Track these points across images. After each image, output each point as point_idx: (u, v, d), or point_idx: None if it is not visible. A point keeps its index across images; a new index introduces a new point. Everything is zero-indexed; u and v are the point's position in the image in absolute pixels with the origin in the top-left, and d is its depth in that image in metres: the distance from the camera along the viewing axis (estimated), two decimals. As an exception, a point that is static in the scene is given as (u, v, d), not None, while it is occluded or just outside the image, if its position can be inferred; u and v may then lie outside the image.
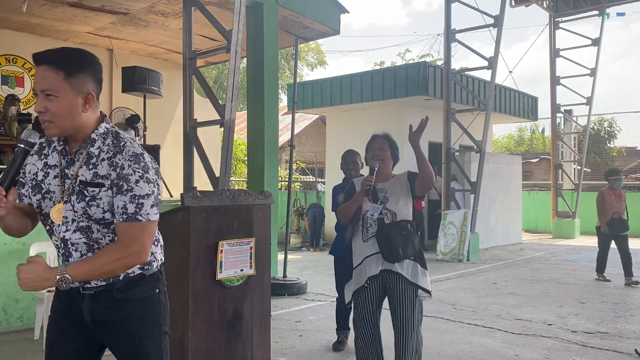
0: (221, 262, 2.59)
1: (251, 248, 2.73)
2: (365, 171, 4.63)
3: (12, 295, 4.71)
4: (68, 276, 1.64)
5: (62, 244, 1.76)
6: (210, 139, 9.77)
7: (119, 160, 1.73)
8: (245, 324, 2.71)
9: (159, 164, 6.33)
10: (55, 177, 1.77)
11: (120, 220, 1.71)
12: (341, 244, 4.35)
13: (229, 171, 5.71)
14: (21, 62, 8.10)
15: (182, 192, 3.88)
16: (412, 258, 3.05)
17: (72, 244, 1.75)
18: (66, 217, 1.73)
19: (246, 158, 8.05)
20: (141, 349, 1.82)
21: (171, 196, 7.35)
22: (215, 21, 5.81)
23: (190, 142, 6.17)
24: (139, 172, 1.73)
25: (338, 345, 4.47)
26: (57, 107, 1.68)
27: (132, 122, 7.15)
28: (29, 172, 1.82)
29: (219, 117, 5.69)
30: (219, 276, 2.58)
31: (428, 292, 3.09)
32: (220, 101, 5.79)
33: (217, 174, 5.67)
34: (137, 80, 7.32)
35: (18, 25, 7.82)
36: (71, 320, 1.83)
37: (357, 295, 3.13)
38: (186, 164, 6.27)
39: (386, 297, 3.12)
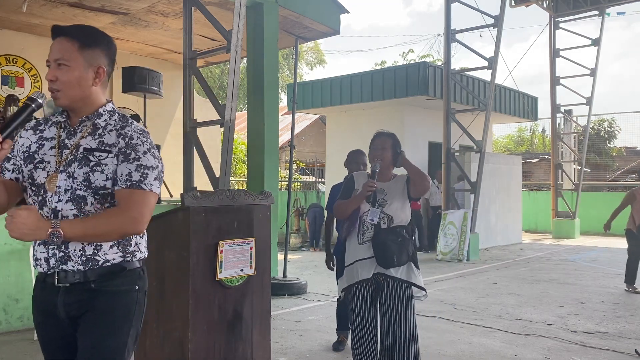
0: (221, 262, 2.59)
1: (251, 248, 2.73)
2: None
3: (12, 295, 4.71)
4: (61, 231, 1.59)
5: (52, 215, 1.70)
6: (210, 139, 9.77)
7: (128, 131, 1.76)
8: (245, 324, 2.71)
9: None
10: (51, 148, 1.76)
11: (123, 186, 1.70)
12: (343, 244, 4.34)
13: (229, 171, 5.71)
14: (21, 62, 8.10)
15: (182, 192, 3.88)
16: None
17: (63, 217, 1.70)
18: (59, 187, 1.70)
19: (246, 158, 8.05)
20: (104, 342, 1.73)
21: (171, 196, 7.35)
22: (215, 21, 5.81)
23: (190, 142, 6.17)
24: (147, 144, 1.76)
25: (338, 345, 4.47)
26: (68, 77, 1.71)
27: (132, 122, 7.15)
28: (22, 145, 1.80)
29: (219, 117, 5.70)
30: (219, 276, 2.58)
31: (423, 289, 3.08)
32: (220, 101, 5.79)
33: (217, 174, 5.67)
34: (137, 80, 7.31)
35: (18, 26, 7.82)
36: (48, 315, 1.78)
37: (349, 294, 3.13)
38: (186, 164, 6.27)
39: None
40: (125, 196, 1.70)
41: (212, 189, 5.28)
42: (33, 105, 1.69)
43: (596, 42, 14.26)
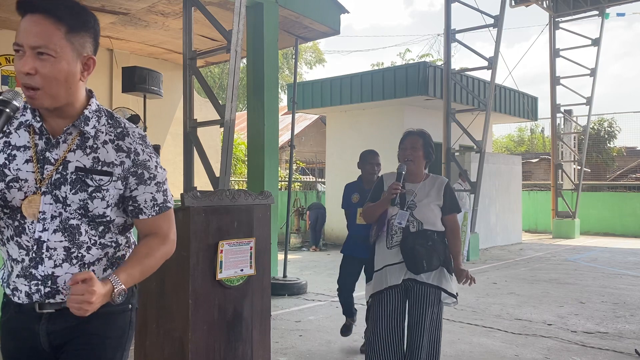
0: (221, 262, 2.59)
1: (251, 248, 2.73)
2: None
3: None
4: (123, 287, 1.38)
5: (35, 247, 1.39)
6: (210, 139, 9.78)
7: (130, 144, 1.46)
8: (245, 324, 2.71)
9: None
10: (27, 161, 1.39)
11: (153, 214, 1.50)
12: (353, 243, 4.33)
13: (229, 171, 5.71)
14: (21, 62, 8.10)
15: (182, 192, 3.88)
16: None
17: (48, 249, 1.39)
18: (43, 212, 1.38)
19: (246, 158, 8.05)
20: None
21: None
22: (215, 21, 5.81)
23: (190, 142, 6.17)
24: (152, 155, 1.51)
25: (346, 330, 4.55)
26: (52, 71, 1.33)
27: (132, 122, 7.12)
28: None
29: (219, 117, 5.70)
30: (219, 276, 2.58)
31: (454, 296, 2.95)
32: (220, 101, 5.79)
33: (217, 174, 5.67)
34: (137, 80, 7.31)
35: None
36: (22, 344, 1.47)
37: (377, 300, 2.99)
38: (186, 164, 6.27)
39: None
40: (159, 223, 1.53)
41: (212, 189, 5.28)
42: (7, 110, 1.36)
43: (596, 42, 14.26)
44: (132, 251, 1.55)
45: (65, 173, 1.40)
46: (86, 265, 1.45)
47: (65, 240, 1.41)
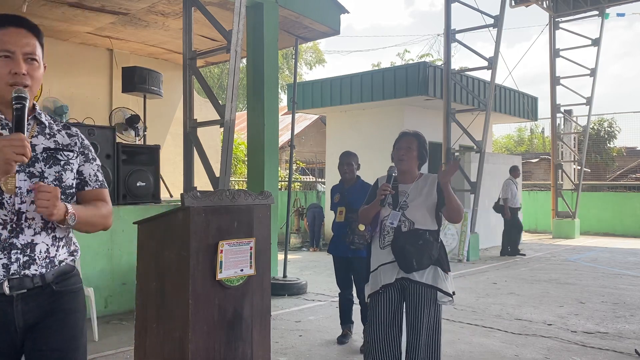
0: (221, 262, 2.59)
1: (251, 248, 2.73)
2: (361, 173, 4.66)
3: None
4: (74, 211, 1.64)
5: (15, 218, 1.61)
6: (210, 139, 9.78)
7: (76, 132, 1.82)
8: (245, 324, 2.71)
9: (158, 164, 6.35)
10: None
11: (96, 186, 1.82)
12: (339, 242, 4.40)
13: (229, 171, 5.72)
14: (21, 62, 8.09)
15: (182, 192, 3.88)
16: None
17: (27, 219, 1.62)
18: (20, 188, 1.61)
19: (246, 158, 8.05)
20: (76, 342, 1.73)
21: (171, 196, 7.35)
22: (215, 21, 5.81)
23: (190, 142, 6.17)
24: (90, 146, 1.88)
25: (342, 339, 4.57)
26: (37, 73, 1.68)
27: (132, 122, 7.15)
28: None
29: (219, 117, 5.70)
30: (219, 276, 2.58)
31: (449, 295, 2.96)
32: (220, 101, 5.79)
33: (217, 174, 5.68)
34: (137, 80, 7.31)
35: None
36: None
37: (374, 300, 3.03)
38: (186, 164, 6.27)
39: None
40: (100, 195, 1.82)
41: (212, 189, 5.28)
42: (26, 104, 1.62)
43: (596, 42, 14.25)
44: None
45: (35, 154, 1.67)
46: (57, 239, 1.71)
47: None
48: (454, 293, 3.00)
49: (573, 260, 9.91)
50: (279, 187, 9.96)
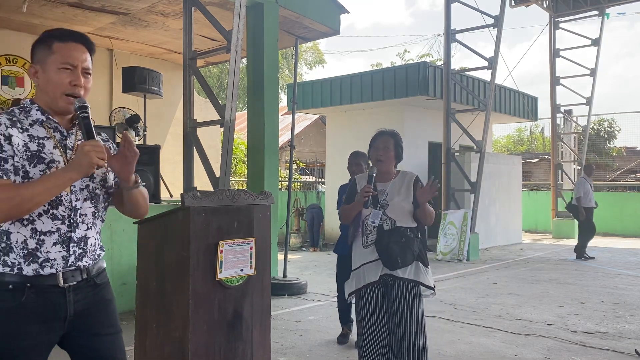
0: (221, 262, 2.59)
1: (251, 248, 2.72)
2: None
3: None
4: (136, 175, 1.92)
5: (72, 214, 1.78)
6: (210, 139, 9.78)
7: (106, 137, 2.00)
8: (245, 324, 2.71)
9: (158, 164, 6.38)
10: (54, 147, 1.77)
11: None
12: (345, 243, 4.39)
13: (229, 171, 5.72)
14: (21, 62, 8.09)
15: (182, 192, 3.88)
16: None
17: (81, 215, 1.80)
18: (74, 186, 1.78)
19: (246, 158, 8.05)
20: (119, 326, 1.98)
21: (171, 196, 7.35)
22: (216, 21, 5.82)
23: (190, 142, 6.17)
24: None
25: (342, 339, 4.59)
26: (89, 86, 1.85)
27: (132, 122, 7.16)
28: (17, 144, 1.68)
29: (219, 117, 5.70)
30: (219, 276, 2.58)
31: (431, 288, 3.04)
32: (220, 101, 5.79)
33: (217, 174, 5.68)
34: (137, 80, 7.32)
35: (18, 26, 7.82)
36: (44, 320, 1.73)
37: (358, 297, 3.10)
38: (186, 164, 6.27)
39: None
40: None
41: (212, 189, 5.28)
42: (89, 112, 1.80)
43: (596, 42, 14.26)
44: None
45: None
46: (99, 234, 1.92)
47: (92, 206, 1.85)
48: (434, 286, 3.09)
49: (573, 260, 9.92)
50: (279, 187, 9.96)
